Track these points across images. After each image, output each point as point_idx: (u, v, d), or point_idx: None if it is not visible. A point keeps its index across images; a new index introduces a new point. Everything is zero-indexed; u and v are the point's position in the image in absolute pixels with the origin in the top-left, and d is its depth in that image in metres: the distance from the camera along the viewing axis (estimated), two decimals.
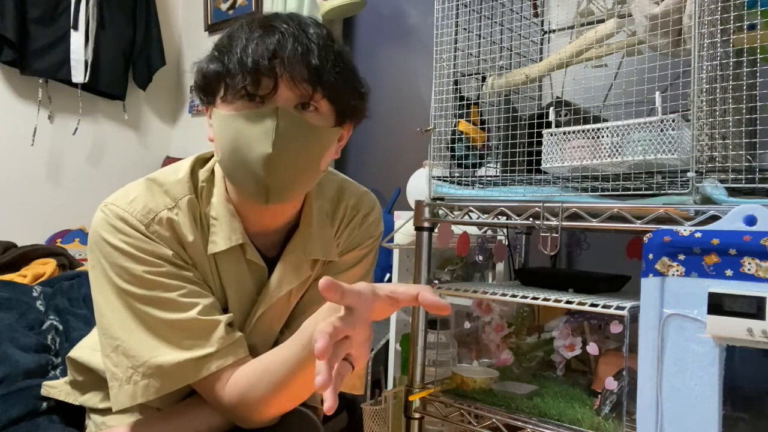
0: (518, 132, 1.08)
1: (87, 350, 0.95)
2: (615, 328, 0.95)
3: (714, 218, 0.81)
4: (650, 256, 0.80)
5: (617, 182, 0.93)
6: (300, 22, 0.79)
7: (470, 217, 1.10)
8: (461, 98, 1.17)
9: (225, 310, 0.87)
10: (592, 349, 1.03)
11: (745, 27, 0.87)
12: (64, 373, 1.02)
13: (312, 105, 0.79)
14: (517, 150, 1.07)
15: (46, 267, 1.64)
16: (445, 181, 1.16)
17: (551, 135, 1.00)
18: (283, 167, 0.78)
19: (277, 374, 0.77)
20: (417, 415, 1.15)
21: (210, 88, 0.81)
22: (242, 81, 0.75)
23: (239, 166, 0.79)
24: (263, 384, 0.78)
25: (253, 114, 0.77)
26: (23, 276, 1.56)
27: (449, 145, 1.18)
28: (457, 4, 1.16)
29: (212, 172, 0.89)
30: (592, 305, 0.94)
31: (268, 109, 0.76)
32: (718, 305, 0.74)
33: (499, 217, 1.05)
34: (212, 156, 0.91)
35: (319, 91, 0.78)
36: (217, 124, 0.81)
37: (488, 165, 1.18)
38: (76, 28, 2.42)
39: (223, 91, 0.79)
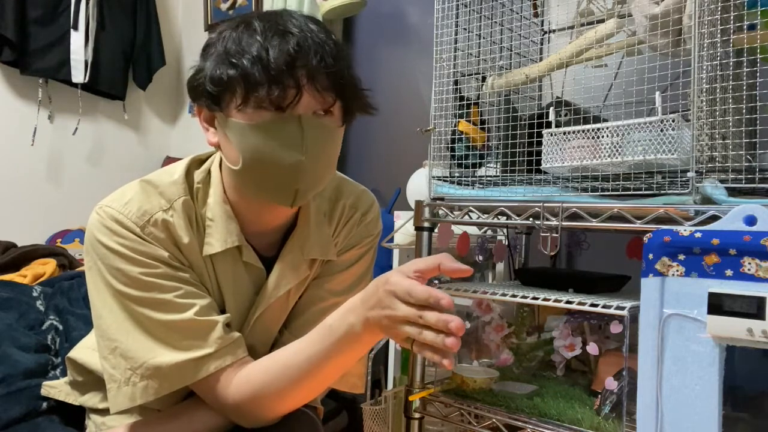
0: (518, 132, 1.08)
1: (87, 350, 0.95)
2: (615, 328, 0.95)
3: (714, 218, 0.81)
4: (650, 256, 0.80)
5: (617, 182, 0.93)
6: (306, 22, 0.79)
7: (470, 217, 1.10)
8: (461, 98, 1.17)
9: (222, 311, 0.86)
10: (592, 349, 1.03)
11: (745, 27, 0.87)
12: (64, 373, 1.02)
13: (330, 110, 0.80)
14: (517, 150, 1.07)
15: (46, 267, 1.64)
16: (445, 181, 1.16)
17: (551, 135, 1.00)
18: (312, 172, 0.80)
19: (299, 370, 0.77)
20: (417, 415, 1.15)
21: (223, 95, 0.78)
22: (268, 92, 0.74)
23: (269, 175, 0.79)
24: (281, 381, 0.78)
25: (277, 123, 0.76)
26: (23, 276, 1.56)
27: (449, 145, 1.18)
28: (457, 4, 1.16)
29: (208, 173, 0.88)
30: (592, 305, 0.94)
31: (291, 118, 0.77)
32: (718, 305, 0.74)
33: (499, 217, 1.05)
34: (208, 157, 0.91)
35: (338, 98, 0.80)
36: (236, 134, 0.78)
37: (488, 165, 1.18)
38: (76, 28, 2.42)
39: (240, 100, 0.76)
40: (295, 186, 0.79)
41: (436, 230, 1.17)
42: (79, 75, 2.42)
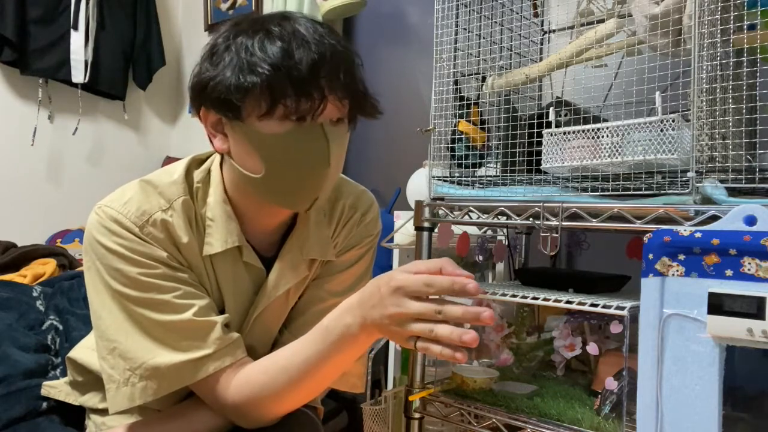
0: (518, 132, 1.07)
1: (87, 350, 0.95)
2: (615, 328, 0.95)
3: (714, 218, 0.81)
4: (650, 256, 0.80)
5: (617, 182, 0.93)
6: (316, 27, 0.78)
7: (470, 217, 1.10)
8: (461, 98, 1.17)
9: (222, 312, 0.86)
10: (592, 349, 1.03)
11: (745, 27, 0.87)
12: (64, 373, 1.02)
13: (343, 117, 0.81)
14: (517, 150, 1.07)
15: (46, 267, 1.64)
16: (445, 181, 1.16)
17: (551, 135, 1.00)
18: (331, 179, 0.82)
19: (296, 372, 0.77)
20: (417, 415, 1.15)
21: (244, 104, 0.75)
22: (296, 102, 0.74)
23: (293, 184, 0.80)
24: (280, 381, 0.78)
25: (303, 134, 0.77)
26: (23, 276, 1.56)
27: (449, 145, 1.18)
28: (457, 4, 1.16)
29: (208, 173, 0.88)
30: (592, 305, 0.94)
31: (315, 127, 0.77)
32: (718, 305, 0.74)
33: (499, 217, 1.05)
34: (208, 157, 0.90)
35: (352, 105, 0.81)
36: (259, 144, 0.77)
37: (488, 165, 1.18)
38: (76, 28, 2.42)
39: (265, 109, 0.75)
40: (316, 194, 0.81)
41: (436, 230, 1.17)
42: (79, 75, 2.42)
